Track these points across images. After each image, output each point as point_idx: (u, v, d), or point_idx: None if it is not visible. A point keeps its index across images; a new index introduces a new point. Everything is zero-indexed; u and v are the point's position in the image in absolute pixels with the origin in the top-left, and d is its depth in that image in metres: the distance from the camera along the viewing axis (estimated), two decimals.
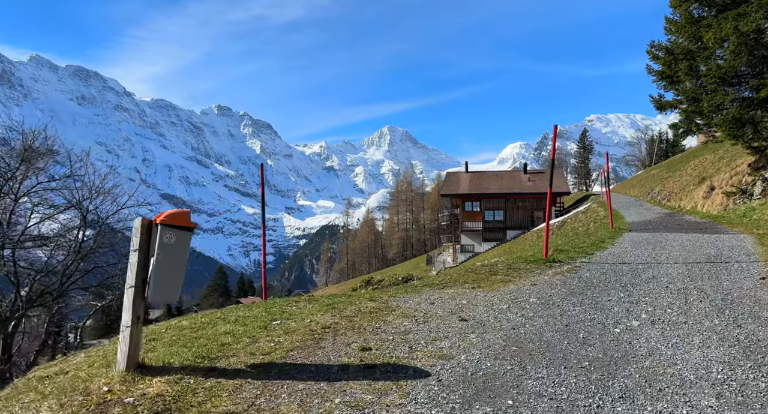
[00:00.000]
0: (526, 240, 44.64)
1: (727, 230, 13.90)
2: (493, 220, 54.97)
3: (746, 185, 19.77)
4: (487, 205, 54.84)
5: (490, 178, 58.06)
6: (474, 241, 55.25)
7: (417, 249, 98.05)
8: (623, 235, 13.78)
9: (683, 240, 12.05)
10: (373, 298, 6.85)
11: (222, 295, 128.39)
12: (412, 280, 11.47)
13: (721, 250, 9.95)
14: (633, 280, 7.62)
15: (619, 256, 10.15)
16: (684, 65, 17.07)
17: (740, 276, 7.45)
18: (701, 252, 9.94)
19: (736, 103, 16.63)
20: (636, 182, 51.61)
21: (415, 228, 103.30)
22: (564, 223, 39.88)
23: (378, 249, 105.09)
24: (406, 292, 7.34)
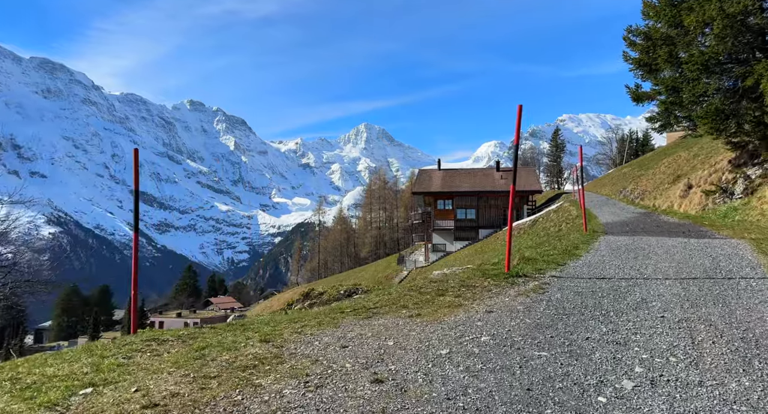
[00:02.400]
0: (498, 239, 43.39)
1: (713, 234, 12.42)
2: (465, 218, 53.67)
3: (727, 183, 18.52)
4: (460, 204, 53.52)
5: (463, 176, 56.75)
6: (446, 240, 53.86)
7: (390, 248, 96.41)
8: (599, 240, 12.16)
9: (668, 246, 10.46)
10: (267, 338, 4.90)
11: (191, 294, 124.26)
12: (357, 293, 9.66)
13: (718, 261, 8.33)
14: (617, 306, 5.87)
15: (596, 267, 8.45)
16: (663, 51, 15.61)
17: (754, 300, 5.78)
18: (694, 263, 8.31)
19: (720, 93, 15.25)
20: (607, 181, 50.90)
21: (388, 226, 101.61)
22: (535, 221, 38.69)
23: (351, 248, 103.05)
24: (321, 324, 5.43)
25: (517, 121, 7.28)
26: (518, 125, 7.28)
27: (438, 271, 12.16)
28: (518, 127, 7.30)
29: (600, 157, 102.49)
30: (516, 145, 7.47)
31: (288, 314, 6.88)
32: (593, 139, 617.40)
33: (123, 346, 4.78)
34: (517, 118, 7.28)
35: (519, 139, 7.41)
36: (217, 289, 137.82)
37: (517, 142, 7.44)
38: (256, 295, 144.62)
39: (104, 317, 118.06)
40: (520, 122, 7.26)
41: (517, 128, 7.31)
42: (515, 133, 7.36)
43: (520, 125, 7.27)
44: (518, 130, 7.32)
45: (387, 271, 59.94)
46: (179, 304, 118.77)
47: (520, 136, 7.39)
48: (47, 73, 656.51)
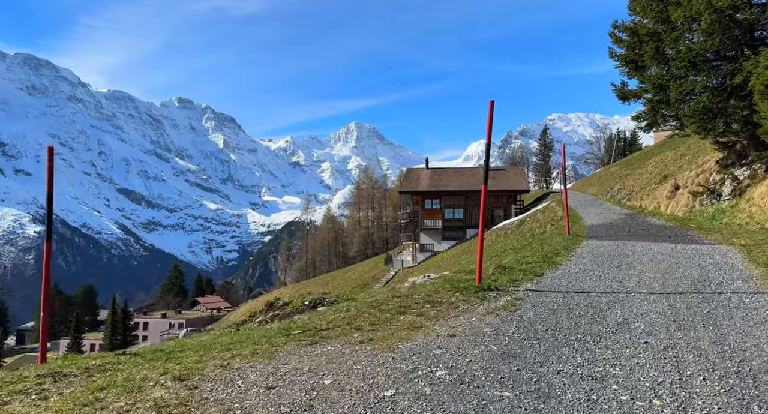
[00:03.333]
0: (485, 240, 42.83)
1: (701, 238, 11.85)
2: (452, 218, 53.19)
3: (714, 184, 18.04)
4: (447, 203, 53.01)
5: (451, 175, 56.24)
6: (433, 239, 53.34)
7: (379, 247, 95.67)
8: (581, 245, 11.53)
9: (654, 253, 9.85)
10: (184, 374, 4.15)
11: (178, 294, 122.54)
12: (323, 303, 8.94)
13: (707, 271, 7.72)
14: (595, 328, 5.20)
15: (575, 278, 7.79)
16: (650, 47, 15.04)
17: (748, 321, 5.14)
18: (681, 273, 7.69)
19: (707, 91, 14.72)
20: (595, 180, 50.67)
21: (376, 226, 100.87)
22: (523, 222, 38.27)
23: (339, 247, 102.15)
24: (255, 353, 4.68)
25: (489, 117, 6.60)
26: (490, 122, 6.59)
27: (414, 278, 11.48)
28: (490, 124, 6.62)
29: (588, 157, 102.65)
30: (488, 143, 6.79)
31: (230, 335, 6.14)
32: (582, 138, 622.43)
33: (9, 385, 4.01)
34: (488, 114, 6.60)
35: (491, 136, 6.72)
36: (205, 288, 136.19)
37: (489, 139, 6.75)
38: (245, 295, 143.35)
39: (88, 317, 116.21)
40: (492, 118, 6.58)
41: (489, 125, 6.63)
42: (487, 130, 6.67)
43: (492, 122, 6.60)
44: (490, 127, 6.64)
45: (374, 272, 59.20)
46: (165, 304, 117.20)
47: (491, 132, 6.70)
48: (32, 70, 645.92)
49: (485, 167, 6.98)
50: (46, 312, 5.18)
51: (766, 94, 12.28)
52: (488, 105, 6.73)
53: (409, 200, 59.16)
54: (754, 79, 12.61)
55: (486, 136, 6.72)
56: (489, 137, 6.71)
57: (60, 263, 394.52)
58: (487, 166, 6.97)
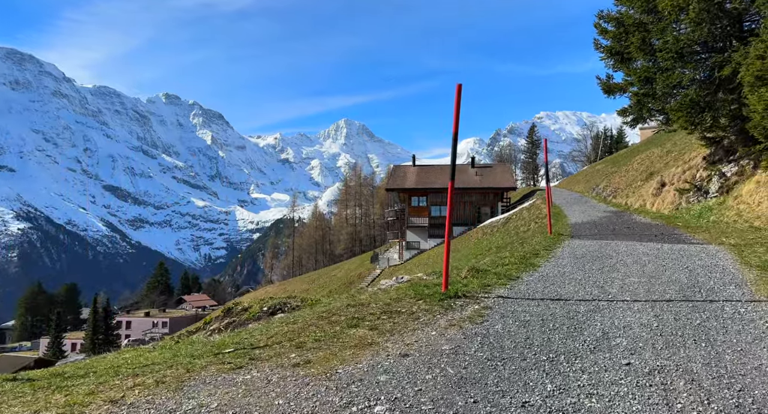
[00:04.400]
0: (471, 237, 42.42)
1: (688, 237, 11.25)
2: (439, 215, 52.60)
3: (701, 181, 17.53)
4: (434, 200, 52.43)
5: (438, 172, 55.66)
6: (420, 237, 52.73)
7: (366, 245, 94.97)
8: (563, 245, 10.86)
9: (639, 253, 9.20)
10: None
11: (163, 292, 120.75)
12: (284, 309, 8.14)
13: (696, 275, 7.06)
14: (570, 344, 4.48)
15: (552, 283, 7.09)
16: (636, 38, 14.41)
17: (745, 336, 4.45)
18: (668, 278, 7.02)
19: (695, 84, 14.14)
20: (581, 178, 50.39)
21: (364, 223, 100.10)
22: (509, 219, 37.80)
23: (326, 245, 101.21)
24: (161, 382, 3.89)
25: (456, 103, 5.86)
26: (457, 108, 5.85)
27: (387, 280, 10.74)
28: (457, 109, 5.87)
29: (575, 154, 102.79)
30: (455, 133, 6.04)
31: (157, 351, 5.33)
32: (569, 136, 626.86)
33: None
34: (455, 99, 5.85)
35: (458, 124, 5.97)
36: (191, 286, 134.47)
37: (456, 128, 6.00)
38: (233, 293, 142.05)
39: (71, 316, 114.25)
40: (459, 104, 5.84)
41: (456, 110, 5.88)
42: (454, 117, 5.92)
43: (459, 108, 5.85)
44: (457, 113, 5.89)
45: (360, 270, 58.55)
46: (150, 303, 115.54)
47: (459, 119, 5.95)
48: (15, 64, 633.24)
49: (452, 161, 6.23)
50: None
51: (756, 86, 11.70)
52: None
53: (397, 198, 58.51)
54: (744, 70, 12.03)
55: (453, 125, 5.98)
56: (456, 125, 5.96)
57: (44, 261, 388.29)
58: (454, 160, 6.22)
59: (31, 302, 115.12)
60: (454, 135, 6.07)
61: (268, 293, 72.00)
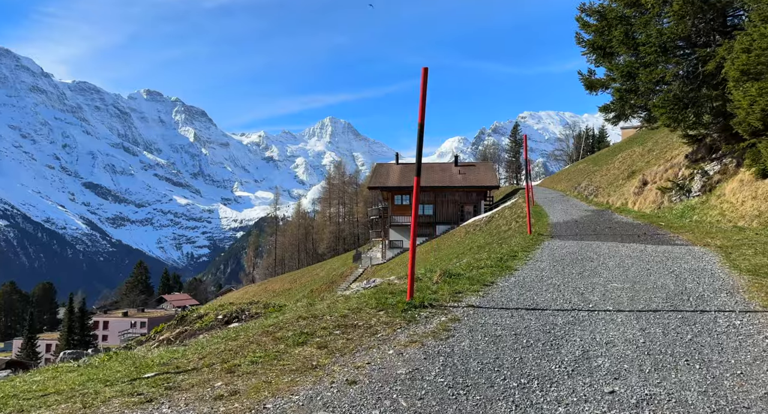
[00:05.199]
0: (454, 236, 42.10)
1: (672, 238, 10.79)
2: (422, 214, 52.17)
3: (683, 180, 17.20)
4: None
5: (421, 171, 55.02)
6: (403, 236, 52.24)
7: (349, 243, 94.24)
8: (542, 246, 10.32)
9: (622, 256, 8.68)
10: None
11: (143, 291, 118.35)
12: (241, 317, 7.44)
13: (683, 280, 6.52)
14: (545, 366, 3.87)
15: (529, 289, 6.49)
16: (619, 32, 13.96)
17: (744, 355, 3.89)
18: (653, 283, 6.47)
19: (678, 80, 13.73)
20: (563, 176, 50.38)
21: (347, 221, 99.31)
22: (491, 218, 37.52)
23: (309, 243, 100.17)
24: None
25: (422, 87, 5.21)
26: (423, 92, 5.20)
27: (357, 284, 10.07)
28: (423, 95, 5.22)
29: (558, 153, 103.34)
30: (421, 123, 5.38)
31: (73, 372, 4.59)
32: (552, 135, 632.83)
33: None
34: (421, 83, 5.20)
35: (424, 111, 5.31)
36: (172, 285, 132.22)
37: (422, 115, 5.34)
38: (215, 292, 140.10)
39: (47, 316, 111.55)
40: (425, 89, 5.19)
41: (422, 95, 5.23)
42: (420, 103, 5.28)
43: (425, 93, 5.21)
44: (423, 98, 5.24)
45: (342, 269, 57.88)
46: (130, 302, 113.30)
47: (425, 106, 5.30)
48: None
49: (417, 154, 5.56)
50: None
51: (741, 81, 11.30)
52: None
53: (381, 196, 57.91)
54: (729, 64, 11.63)
55: (419, 112, 5.32)
56: (422, 112, 5.31)
57: (22, 260, 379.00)
58: (420, 153, 5.56)
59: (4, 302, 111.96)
60: (420, 125, 5.42)
61: (248, 293, 70.86)
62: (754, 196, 12.67)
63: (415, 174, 5.61)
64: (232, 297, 73.21)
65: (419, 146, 5.50)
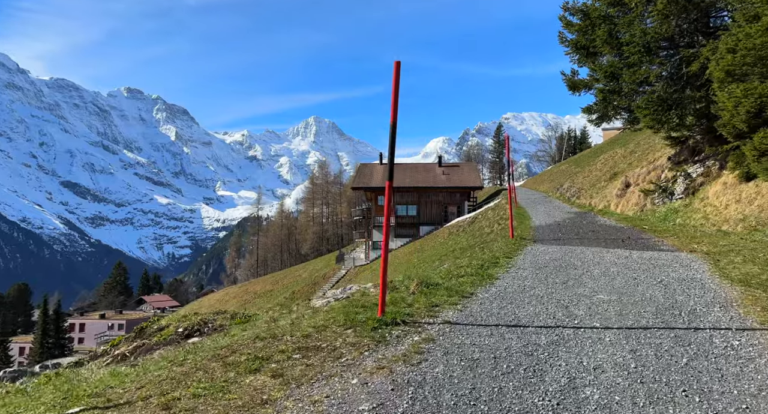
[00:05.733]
0: (437, 237, 41.80)
1: (657, 243, 10.50)
2: (406, 215, 51.78)
3: (666, 182, 17.04)
4: (401, 200, 51.57)
5: (404, 171, 54.84)
6: None
7: (333, 244, 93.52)
8: (525, 251, 9.94)
9: (607, 263, 8.31)
10: None
11: (122, 292, 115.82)
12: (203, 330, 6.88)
13: (672, 291, 6.15)
14: (528, 399, 3.41)
15: (510, 301, 6.06)
16: (602, 31, 13.68)
17: (748, 383, 3.48)
18: (642, 294, 6.09)
19: (662, 80, 13.50)
20: (546, 177, 50.49)
21: (331, 222, 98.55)
22: (475, 219, 37.29)
23: (292, 244, 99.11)
24: None
25: (394, 80, 4.73)
26: (395, 86, 4.72)
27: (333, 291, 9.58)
28: (395, 91, 4.74)
29: (540, 154, 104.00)
30: (393, 122, 4.89)
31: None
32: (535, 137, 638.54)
33: None
34: (393, 77, 4.72)
35: (396, 106, 4.83)
36: (152, 286, 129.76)
37: (395, 112, 4.86)
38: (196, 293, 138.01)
39: (21, 318, 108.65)
40: (398, 83, 4.71)
41: (394, 92, 4.75)
42: (392, 97, 4.79)
43: (398, 87, 4.72)
44: (396, 96, 4.76)
45: (325, 270, 57.19)
46: (109, 304, 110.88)
47: (397, 104, 4.82)
48: None
49: (390, 154, 5.07)
50: None
51: (726, 82, 11.07)
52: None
53: (364, 196, 57.39)
54: (713, 65, 11.39)
55: (391, 110, 4.84)
56: (394, 109, 4.82)
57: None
58: (392, 153, 5.07)
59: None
60: (392, 124, 4.92)
61: (228, 294, 69.66)
62: (737, 199, 12.49)
63: (387, 177, 5.13)
64: (212, 299, 71.94)
65: (391, 147, 5.02)
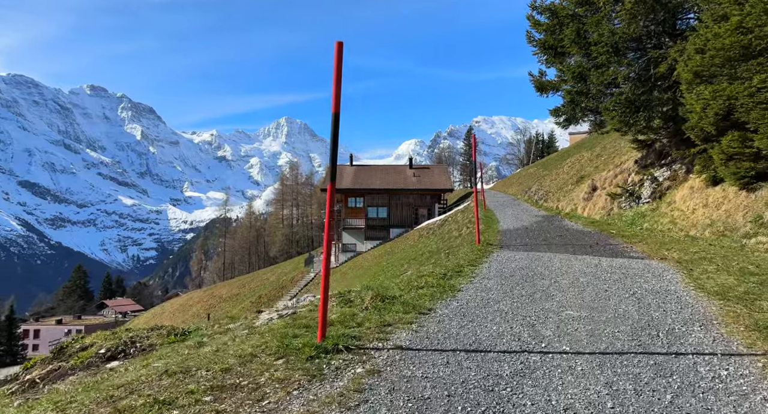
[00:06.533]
0: (407, 239, 41.30)
1: (626, 249, 10.10)
2: (376, 217, 51.16)
3: (633, 186, 16.87)
4: (371, 202, 50.95)
5: (375, 173, 54.22)
6: (357, 239, 51.07)
7: (303, 246, 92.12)
8: (491, 258, 9.37)
9: (576, 272, 7.80)
10: None
11: (82, 296, 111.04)
12: (126, 353, 5.98)
13: (647, 306, 5.63)
14: None
15: (472, 319, 5.41)
16: (570, 30, 13.33)
17: None
18: (614, 310, 5.54)
19: (630, 82, 13.24)
20: (515, 180, 50.73)
21: (301, 224, 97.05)
22: (445, 221, 36.97)
23: (260, 246, 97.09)
24: None
25: (336, 65, 4.00)
26: (338, 67, 4.00)
27: (284, 303, 8.78)
28: (338, 76, 4.02)
29: (509, 157, 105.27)
30: (335, 112, 4.15)
31: None
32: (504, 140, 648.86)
33: None
34: (335, 58, 4.00)
35: (339, 95, 4.11)
36: (115, 290, 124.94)
37: (337, 99, 4.13)
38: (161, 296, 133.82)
39: None
40: (341, 64, 4.00)
41: (336, 77, 4.03)
42: (334, 80, 4.07)
43: (341, 69, 4.01)
44: (338, 81, 4.04)
45: (293, 273, 56.03)
46: (67, 309, 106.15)
47: (340, 91, 4.11)
48: None
49: (332, 151, 4.34)
50: None
51: (695, 84, 10.81)
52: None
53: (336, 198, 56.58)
54: (681, 66, 11.13)
55: (333, 96, 4.11)
56: (336, 97, 4.10)
57: None
58: (335, 148, 4.34)
59: None
60: (335, 114, 4.18)
61: (192, 299, 67.47)
62: (704, 204, 12.29)
63: (329, 178, 4.40)
64: (176, 303, 69.62)
65: (334, 141, 4.29)
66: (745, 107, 9.67)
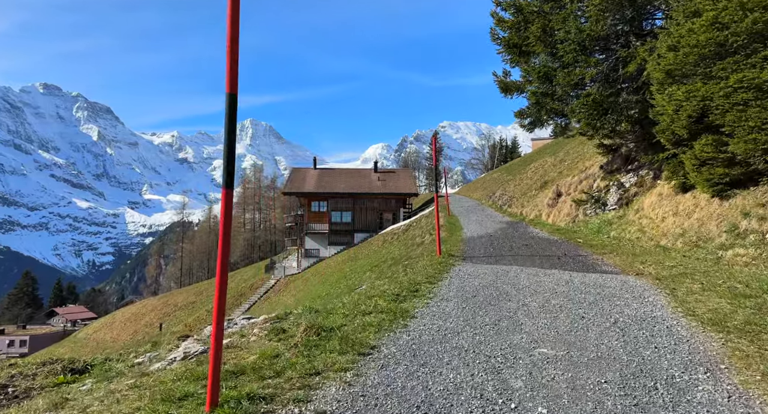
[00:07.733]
0: (371, 244, 40.21)
1: (597, 261, 9.26)
2: (340, 221, 49.83)
3: (599, 192, 16.29)
4: (335, 206, 49.56)
5: (339, 176, 52.89)
6: (320, 244, 49.54)
7: (265, 251, 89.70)
8: (451, 273, 8.34)
9: (546, 292, 6.83)
10: None
11: (30, 304, 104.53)
12: (71, 379, 4.64)
13: (634, 339, 4.66)
14: None
15: (424, 362, 4.31)
16: (536, 27, 12.56)
17: None
18: (596, 347, 4.54)
19: (598, 83, 12.57)
20: (479, 185, 50.48)
21: (264, 228, 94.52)
22: (409, 227, 36.09)
23: None
24: None
25: (229, 26, 2.86)
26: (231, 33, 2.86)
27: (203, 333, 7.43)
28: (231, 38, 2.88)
29: (474, 162, 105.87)
30: (231, 92, 2.99)
31: None
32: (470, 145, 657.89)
33: None
34: (228, 22, 2.86)
35: (236, 70, 2.96)
36: (66, 296, 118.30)
37: (233, 75, 2.96)
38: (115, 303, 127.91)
39: None
40: (236, 29, 2.87)
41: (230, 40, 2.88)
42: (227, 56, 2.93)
43: (237, 36, 2.88)
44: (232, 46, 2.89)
45: (253, 280, 53.99)
46: (13, 317, 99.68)
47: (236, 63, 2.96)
48: None
49: (227, 148, 3.16)
50: None
51: (666, 84, 10.14)
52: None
53: (299, 202, 54.80)
54: (652, 65, 10.47)
55: (227, 71, 2.94)
56: (231, 73, 2.92)
57: None
58: (233, 134, 3.16)
59: None
60: (230, 95, 3.01)
61: (146, 307, 64.13)
62: (675, 212, 11.68)
63: (223, 184, 3.23)
64: (128, 312, 65.98)
65: (230, 130, 3.12)
66: (721, 109, 9.03)
